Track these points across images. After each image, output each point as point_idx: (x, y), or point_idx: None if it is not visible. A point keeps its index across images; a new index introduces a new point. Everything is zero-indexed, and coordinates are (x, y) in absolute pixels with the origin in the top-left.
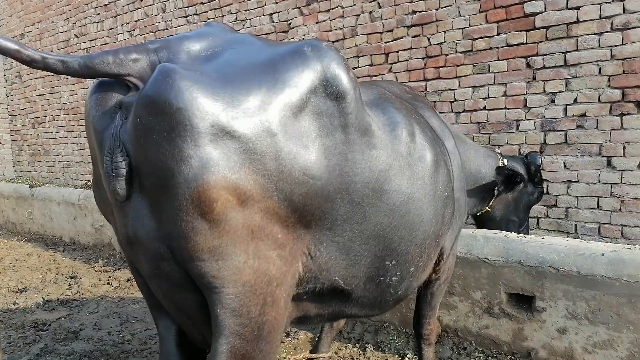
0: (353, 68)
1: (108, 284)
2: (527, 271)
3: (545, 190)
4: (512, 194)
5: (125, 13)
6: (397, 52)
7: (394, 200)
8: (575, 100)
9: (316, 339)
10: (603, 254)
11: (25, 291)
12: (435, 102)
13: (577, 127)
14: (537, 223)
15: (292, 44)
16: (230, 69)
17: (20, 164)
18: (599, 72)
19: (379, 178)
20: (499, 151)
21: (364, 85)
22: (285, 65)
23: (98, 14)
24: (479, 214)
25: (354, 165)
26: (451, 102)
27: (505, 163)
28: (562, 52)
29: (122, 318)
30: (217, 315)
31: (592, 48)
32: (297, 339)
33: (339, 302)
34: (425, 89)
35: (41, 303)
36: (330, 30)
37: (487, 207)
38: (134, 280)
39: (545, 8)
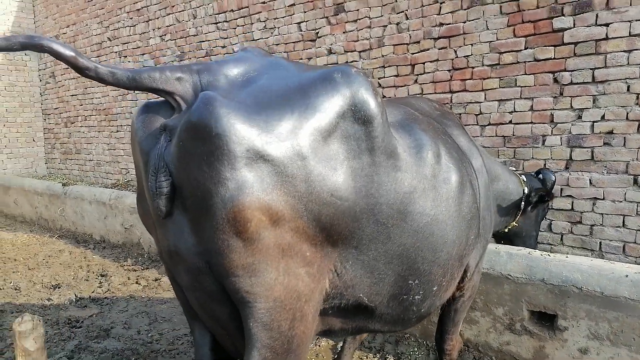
0: (379, 78)
1: (137, 282)
2: (550, 289)
3: (570, 206)
4: (533, 209)
5: (157, 18)
6: (424, 63)
7: (418, 221)
8: (603, 117)
9: (337, 345)
10: (627, 275)
11: (59, 287)
12: (460, 114)
13: (604, 144)
14: (561, 239)
15: (323, 69)
16: (264, 95)
17: (52, 161)
18: (628, 89)
19: (403, 200)
20: (513, 167)
21: (392, 104)
22: (316, 91)
23: (131, 18)
24: (506, 229)
25: (379, 187)
26: (476, 115)
27: (525, 180)
28: (591, 69)
29: (151, 317)
30: (249, 328)
31: (620, 65)
32: (319, 345)
33: (363, 318)
34: (451, 101)
35: (74, 300)
36: (357, 40)
37: (513, 223)
38: (161, 279)
39: (574, 24)
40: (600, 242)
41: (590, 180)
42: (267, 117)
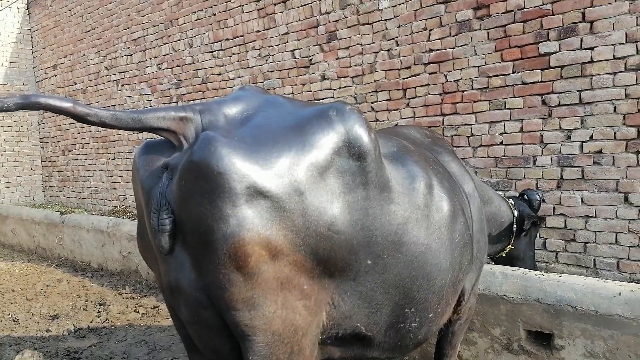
0: (372, 103)
1: (135, 311)
2: (545, 309)
3: (564, 224)
4: (527, 233)
5: (154, 47)
6: (415, 87)
7: (413, 251)
8: (591, 137)
9: None
10: (620, 294)
11: (57, 318)
12: (452, 136)
13: (594, 163)
14: (556, 257)
15: (319, 106)
16: (262, 132)
17: (50, 189)
18: (614, 110)
19: (397, 231)
20: (500, 193)
21: (384, 137)
22: (312, 129)
23: (128, 47)
24: (504, 253)
25: (374, 219)
26: (468, 137)
27: (512, 203)
28: (577, 91)
29: (150, 346)
30: None
31: (606, 87)
32: None
33: (361, 347)
34: (443, 124)
35: (72, 330)
36: (350, 66)
37: (510, 246)
38: (159, 307)
39: (559, 48)
40: (595, 259)
41: (581, 198)
42: (265, 155)
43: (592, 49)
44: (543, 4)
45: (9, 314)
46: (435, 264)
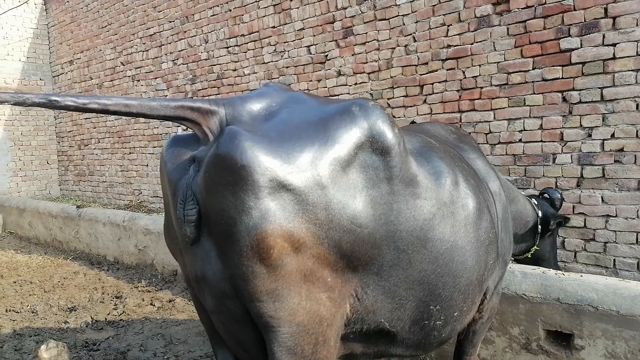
0: (388, 99)
1: (151, 304)
2: (565, 309)
3: (583, 223)
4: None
5: (170, 43)
6: (432, 84)
7: (438, 247)
8: (613, 135)
9: None
10: None
11: (75, 310)
12: (470, 133)
13: (615, 161)
14: (575, 256)
15: (342, 102)
16: (286, 127)
17: (65, 183)
18: (637, 108)
19: (423, 226)
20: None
21: (409, 133)
22: (335, 124)
23: (144, 43)
24: (529, 255)
25: (399, 214)
26: (486, 134)
27: (536, 203)
28: (599, 88)
29: (166, 339)
30: (273, 352)
31: (629, 84)
32: None
33: (385, 343)
34: (460, 121)
35: (90, 322)
36: (366, 62)
37: (535, 247)
38: (175, 301)
39: (581, 44)
40: (614, 259)
41: (602, 197)
42: (288, 149)
43: (614, 45)
44: (565, 0)
45: (27, 305)
46: (461, 261)
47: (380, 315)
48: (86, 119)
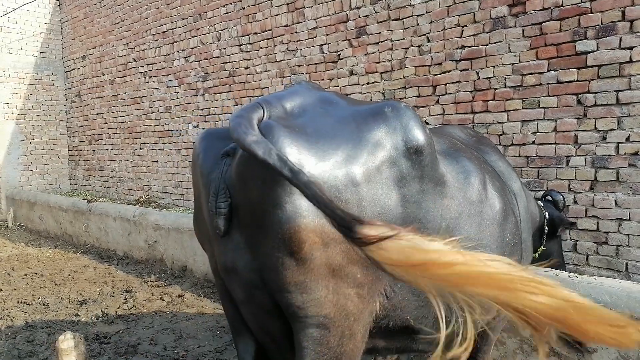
0: (400, 99)
1: (161, 299)
2: None
3: (596, 227)
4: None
5: (182, 40)
6: (445, 84)
7: (464, 246)
8: (628, 139)
9: None
10: None
11: (85, 303)
12: (482, 134)
13: (629, 165)
14: (587, 260)
15: (374, 103)
16: (320, 125)
17: (76, 177)
18: None
19: (450, 225)
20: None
21: (437, 134)
22: (368, 125)
23: (156, 40)
24: (537, 255)
25: (427, 213)
26: (499, 136)
27: (542, 204)
28: (615, 91)
29: (176, 334)
30: (300, 342)
31: None
32: None
33: (408, 339)
34: (473, 122)
35: (100, 316)
36: (379, 62)
37: (542, 247)
38: (184, 296)
39: (597, 47)
40: (627, 263)
41: (615, 201)
42: (324, 146)
43: (631, 48)
44: (582, 2)
45: (38, 298)
46: None
47: (406, 313)
48: (97, 114)
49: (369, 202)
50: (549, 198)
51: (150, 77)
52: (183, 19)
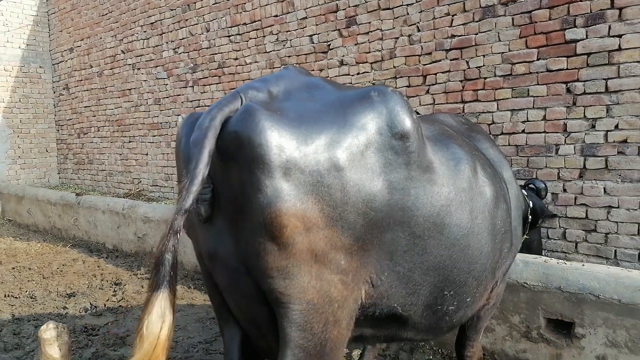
0: None
1: None
2: (566, 297)
3: (585, 215)
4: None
5: (171, 31)
6: (435, 74)
7: (455, 233)
8: (617, 127)
9: (352, 352)
10: None
11: (74, 296)
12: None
13: (618, 153)
14: (576, 247)
15: (360, 88)
16: (304, 109)
17: (64, 171)
18: None
19: (440, 212)
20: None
21: (425, 121)
22: (354, 109)
23: (145, 31)
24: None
25: (416, 200)
26: (489, 125)
27: (525, 193)
28: (604, 79)
29: None
30: (283, 328)
31: (634, 76)
32: None
33: (396, 327)
34: (463, 111)
35: (89, 308)
36: (369, 52)
37: (525, 235)
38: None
39: (586, 35)
40: (615, 250)
41: (604, 188)
42: (306, 130)
43: (620, 36)
44: None
45: (26, 291)
46: (477, 247)
47: (394, 301)
48: (86, 107)
49: (353, 188)
50: (532, 187)
51: (139, 69)
52: (171, 10)
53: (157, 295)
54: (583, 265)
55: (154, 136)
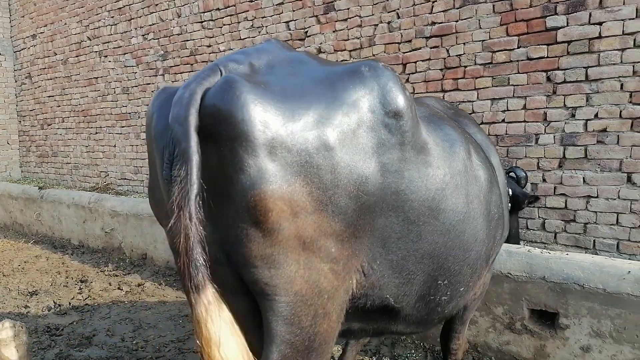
0: None
1: (119, 288)
2: (550, 287)
3: (564, 205)
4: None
5: (140, 17)
6: (415, 62)
7: (450, 219)
8: (596, 116)
9: (338, 349)
10: (629, 272)
11: (36, 294)
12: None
13: (598, 142)
14: (555, 238)
15: (349, 63)
16: (290, 84)
17: (27, 165)
18: (621, 88)
19: (435, 196)
20: None
21: (416, 101)
22: (344, 84)
23: (112, 17)
24: None
25: (410, 183)
26: (469, 114)
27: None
28: (584, 67)
29: (135, 324)
30: (269, 322)
31: (614, 64)
32: None
33: (386, 319)
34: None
35: (52, 307)
36: (348, 39)
37: None
38: (144, 285)
39: (567, 23)
40: (594, 240)
41: (583, 178)
42: (293, 105)
43: (600, 24)
44: None
45: None
46: (473, 234)
47: (386, 291)
48: (49, 96)
49: (344, 169)
50: (512, 175)
51: (106, 56)
52: None
53: (203, 296)
54: (567, 254)
55: (122, 127)
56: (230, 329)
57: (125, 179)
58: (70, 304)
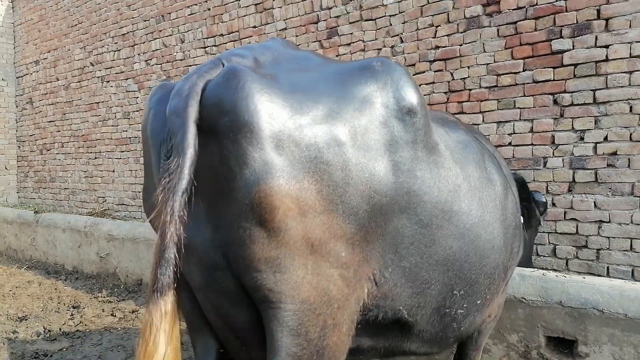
0: None
1: (112, 315)
2: (568, 313)
3: (575, 230)
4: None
5: (143, 43)
6: (420, 85)
7: (465, 222)
8: (606, 139)
9: None
10: None
11: (26, 320)
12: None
13: (608, 165)
14: (567, 264)
15: (359, 60)
16: (298, 77)
17: (24, 190)
18: (630, 110)
19: (448, 198)
20: None
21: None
22: (355, 79)
23: (115, 42)
24: None
25: (422, 183)
26: None
27: None
28: (591, 90)
29: (128, 352)
30: (273, 333)
31: (622, 86)
32: None
33: (399, 336)
34: None
35: (42, 332)
36: None
37: None
38: (139, 311)
39: (573, 46)
40: (608, 267)
41: (594, 202)
42: (302, 98)
43: (607, 46)
44: (557, 1)
45: None
46: (489, 240)
47: (398, 302)
48: (50, 121)
49: (355, 167)
50: (535, 198)
51: (108, 81)
52: (145, 21)
53: (162, 302)
54: (584, 277)
55: (122, 152)
56: (174, 356)
57: (123, 204)
58: (60, 329)
